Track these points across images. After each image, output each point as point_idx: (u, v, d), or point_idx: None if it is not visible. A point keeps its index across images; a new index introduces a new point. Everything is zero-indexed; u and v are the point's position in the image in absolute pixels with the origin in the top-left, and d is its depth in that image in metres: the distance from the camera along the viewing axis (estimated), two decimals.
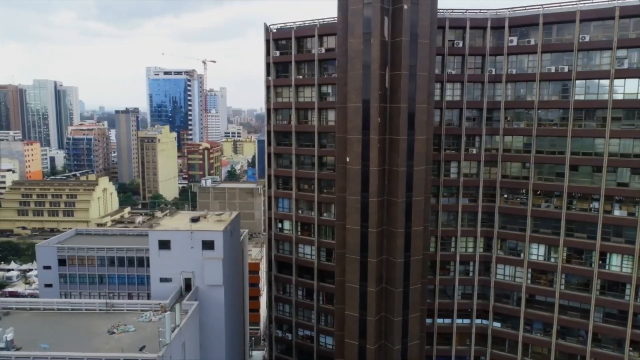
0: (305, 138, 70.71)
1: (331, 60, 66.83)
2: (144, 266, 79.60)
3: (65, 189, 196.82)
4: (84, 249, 79.88)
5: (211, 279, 61.68)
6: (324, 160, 69.76)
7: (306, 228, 72.56)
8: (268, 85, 71.89)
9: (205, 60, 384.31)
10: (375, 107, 50.77)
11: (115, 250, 79.75)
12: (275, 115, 72.67)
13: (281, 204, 74.45)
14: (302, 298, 74.06)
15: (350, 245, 54.07)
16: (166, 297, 61.47)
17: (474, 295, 65.18)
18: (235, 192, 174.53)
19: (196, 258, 61.92)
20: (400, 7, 49.94)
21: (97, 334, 51.51)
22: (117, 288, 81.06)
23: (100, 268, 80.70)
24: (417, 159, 52.44)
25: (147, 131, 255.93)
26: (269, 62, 71.23)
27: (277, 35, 70.40)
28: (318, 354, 72.66)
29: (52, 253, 79.92)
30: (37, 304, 58.60)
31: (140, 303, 57.88)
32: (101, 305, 57.69)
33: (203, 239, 61.64)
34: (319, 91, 68.03)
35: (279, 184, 74.14)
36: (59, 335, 50.94)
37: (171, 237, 61.91)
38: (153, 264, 62.66)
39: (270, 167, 73.78)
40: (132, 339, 50.31)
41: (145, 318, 54.52)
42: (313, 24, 67.41)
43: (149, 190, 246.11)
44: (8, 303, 58.56)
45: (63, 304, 59.02)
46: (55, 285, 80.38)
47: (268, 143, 73.53)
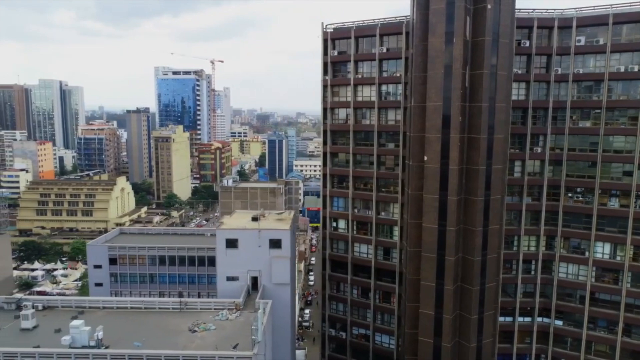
0: (362, 137, 70.92)
1: (391, 59, 67.14)
2: (195, 265, 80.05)
3: (83, 189, 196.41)
4: (134, 248, 79.93)
5: (278, 277, 61.75)
6: (381, 160, 69.93)
7: (362, 227, 72.74)
8: (325, 85, 72.05)
9: (213, 60, 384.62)
10: (456, 106, 51.04)
11: (167, 250, 79.84)
12: (331, 114, 72.82)
13: (336, 202, 74.64)
14: (357, 297, 74.24)
15: (427, 244, 54.32)
16: (233, 296, 61.47)
17: (536, 293, 65.48)
18: (257, 191, 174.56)
19: (263, 257, 61.94)
20: (482, 6, 50.23)
21: (179, 332, 51.51)
22: (168, 287, 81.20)
23: (150, 267, 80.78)
24: (496, 157, 52.77)
25: (161, 131, 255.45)
26: (327, 61, 71.38)
27: (335, 34, 70.58)
28: (374, 352, 72.84)
29: (103, 252, 79.98)
30: (111, 303, 58.55)
31: (213, 302, 57.85)
32: (174, 303, 57.68)
33: (270, 238, 61.67)
34: (378, 90, 68.21)
35: (334, 183, 74.30)
36: (140, 334, 50.90)
37: (239, 235, 61.92)
38: (220, 262, 62.65)
39: (326, 166, 73.98)
40: (216, 337, 50.34)
41: (222, 316, 54.56)
42: (374, 24, 67.63)
43: (163, 190, 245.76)
44: (82, 302, 58.51)
45: (136, 302, 58.97)
46: (105, 284, 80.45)
47: (324, 142, 73.72)
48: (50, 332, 51.24)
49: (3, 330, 51.40)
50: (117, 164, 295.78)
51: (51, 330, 51.57)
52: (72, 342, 46.69)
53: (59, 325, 52.99)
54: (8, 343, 48.64)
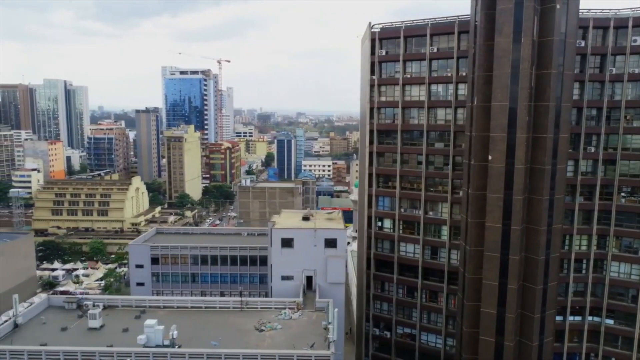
0: (409, 136, 71.05)
1: (442, 59, 67.29)
2: (237, 264, 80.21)
3: (98, 189, 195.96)
4: (177, 247, 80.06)
5: (334, 276, 61.92)
6: (429, 159, 70.03)
7: (408, 226, 72.82)
8: (372, 85, 72.14)
9: (220, 60, 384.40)
10: (524, 105, 51.21)
11: (209, 249, 79.92)
12: (377, 114, 72.92)
13: (381, 202, 74.69)
14: (403, 296, 74.31)
15: (490, 243, 54.45)
16: (287, 295, 61.72)
17: (587, 292, 65.67)
18: (275, 191, 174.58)
19: (318, 256, 62.13)
20: (550, 6, 50.40)
21: (246, 332, 51.63)
22: (210, 286, 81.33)
23: (192, 267, 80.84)
24: (560, 157, 52.98)
25: (173, 130, 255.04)
26: (374, 61, 71.44)
27: (383, 34, 70.64)
28: (420, 352, 72.95)
29: (146, 252, 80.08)
30: (171, 302, 58.62)
31: (274, 301, 58.02)
32: (235, 303, 57.74)
33: (326, 237, 61.87)
34: (428, 90, 68.33)
35: (379, 182, 74.38)
36: (207, 333, 51.02)
37: (294, 235, 62.08)
38: (275, 262, 62.77)
39: (372, 166, 74.00)
40: (284, 337, 50.47)
41: (285, 316, 54.66)
42: (424, 24, 67.73)
43: (175, 189, 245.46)
44: (142, 301, 58.52)
45: (197, 301, 59.06)
46: (147, 283, 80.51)
47: (370, 142, 73.73)
48: (117, 332, 51.33)
49: (70, 330, 51.39)
50: (126, 164, 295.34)
51: (118, 330, 51.67)
52: (147, 342, 46.64)
53: (123, 324, 53.09)
54: (78, 342, 48.74)
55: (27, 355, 44.77)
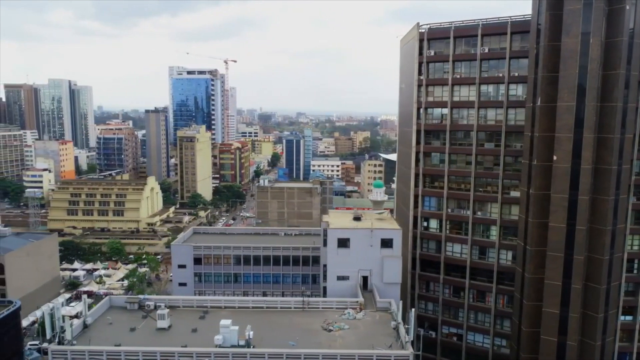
0: (458, 136, 71.18)
1: (493, 59, 67.43)
2: (280, 264, 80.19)
3: (114, 189, 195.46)
4: (220, 247, 79.92)
5: (390, 277, 61.93)
6: (478, 159, 70.14)
7: (455, 226, 72.96)
8: (419, 85, 72.27)
9: (227, 60, 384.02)
10: (592, 106, 51.39)
11: (252, 249, 79.85)
12: (424, 114, 73.04)
13: (427, 202, 74.81)
14: (449, 296, 74.45)
15: (553, 243, 54.61)
16: (342, 295, 61.69)
17: (639, 292, 65.79)
18: (293, 191, 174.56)
19: (374, 256, 62.12)
20: (619, 7, 50.57)
21: (315, 331, 51.60)
22: (252, 287, 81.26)
23: (235, 267, 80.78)
24: (625, 157, 53.18)
25: (185, 130, 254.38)
26: (422, 61, 71.57)
27: (431, 34, 70.77)
28: (467, 352, 73.08)
29: (188, 252, 79.94)
30: (232, 302, 58.55)
31: (335, 301, 57.91)
32: (297, 303, 57.72)
33: (382, 237, 61.87)
34: (478, 90, 68.46)
35: (425, 183, 74.49)
36: (276, 333, 50.97)
37: (351, 235, 62.09)
38: (330, 262, 62.76)
39: (418, 166, 74.12)
40: (355, 336, 50.47)
41: (350, 316, 54.66)
42: (474, 24, 67.86)
43: (187, 189, 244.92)
44: (204, 302, 58.44)
45: (258, 301, 59.03)
46: (189, 284, 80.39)
47: (417, 142, 73.83)
48: (186, 332, 51.25)
49: (139, 330, 51.30)
50: (135, 164, 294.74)
51: (186, 330, 51.59)
52: (223, 342, 46.60)
53: (189, 324, 53.02)
54: (150, 342, 48.64)
55: (105, 355, 44.69)
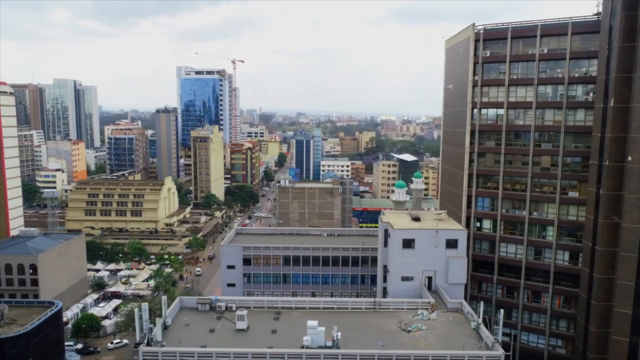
0: (513, 137, 71.27)
1: (551, 60, 67.53)
2: (329, 265, 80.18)
3: (131, 189, 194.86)
4: (269, 248, 79.91)
5: (455, 277, 61.93)
6: (535, 160, 70.18)
7: (510, 226, 73.01)
8: (474, 85, 72.30)
9: (234, 60, 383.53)
10: None
11: (301, 250, 79.82)
12: (479, 114, 73.07)
13: (480, 202, 74.84)
14: (502, 296, 74.50)
15: (626, 244, 54.71)
16: (406, 296, 61.65)
17: None
18: (314, 191, 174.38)
19: (439, 257, 62.10)
20: None
21: (393, 332, 51.53)
22: (301, 287, 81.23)
23: (284, 267, 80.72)
24: None
25: (199, 130, 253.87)
26: (477, 61, 71.63)
27: (487, 35, 70.83)
28: (521, 352, 73.12)
29: (237, 253, 79.83)
30: (303, 303, 58.41)
31: (406, 302, 57.79)
32: (368, 304, 57.64)
33: (447, 238, 61.87)
34: (536, 90, 68.53)
35: (478, 183, 74.52)
36: (355, 333, 50.86)
37: (416, 235, 62.03)
38: (395, 262, 62.65)
39: (471, 166, 74.14)
40: (436, 337, 50.44)
41: (424, 316, 54.62)
42: (533, 25, 67.93)
43: (201, 189, 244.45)
44: (274, 302, 58.24)
45: (329, 302, 58.92)
46: (238, 284, 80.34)
47: (470, 142, 73.85)
48: (265, 333, 51.17)
49: (218, 331, 51.14)
50: (145, 164, 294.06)
51: (264, 331, 51.53)
52: (311, 343, 46.48)
53: (265, 325, 52.90)
54: (232, 343, 48.51)
55: (197, 357, 44.53)
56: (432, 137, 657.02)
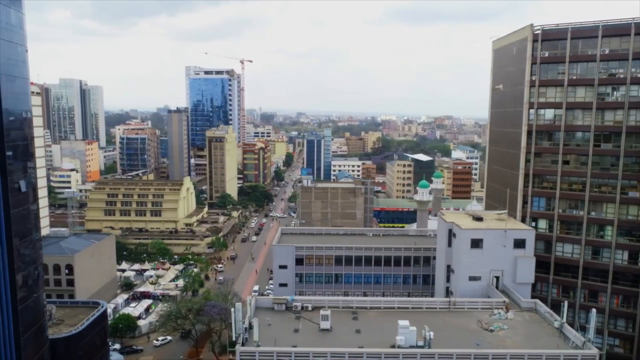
0: (571, 137, 71.56)
1: (613, 60, 67.83)
2: (381, 265, 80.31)
3: (150, 189, 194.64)
4: (322, 248, 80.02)
5: (523, 277, 62.18)
6: (594, 160, 70.45)
7: (566, 226, 73.25)
8: (532, 85, 72.54)
9: (243, 60, 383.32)
10: None
11: (354, 250, 79.97)
12: (535, 114, 73.31)
13: (536, 202, 75.07)
14: (557, 295, 74.72)
15: None
16: (473, 295, 61.83)
17: None
18: (337, 191, 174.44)
19: (507, 256, 62.30)
20: None
21: (477, 332, 51.71)
22: (352, 287, 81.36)
23: (336, 267, 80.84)
24: None
25: (214, 130, 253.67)
26: (534, 62, 71.86)
27: (545, 35, 71.06)
28: None
29: (290, 253, 79.87)
30: (378, 303, 58.54)
31: (480, 301, 58.01)
32: (442, 303, 57.81)
33: (515, 238, 62.08)
34: (596, 91, 68.82)
35: (534, 183, 74.76)
36: (439, 333, 50.94)
37: (484, 235, 62.21)
38: (462, 262, 62.82)
39: (527, 166, 74.36)
40: (520, 336, 50.64)
41: (501, 316, 54.79)
42: (594, 25, 68.19)
43: (216, 189, 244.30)
44: (349, 302, 58.36)
45: (403, 302, 59.09)
46: (290, 284, 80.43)
47: (527, 142, 74.06)
48: (349, 332, 51.37)
49: (302, 331, 51.21)
50: (157, 164, 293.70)
51: (349, 331, 51.76)
52: (404, 342, 46.60)
53: (346, 325, 53.05)
54: (321, 343, 48.57)
55: (294, 356, 44.59)
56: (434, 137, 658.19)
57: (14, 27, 56.42)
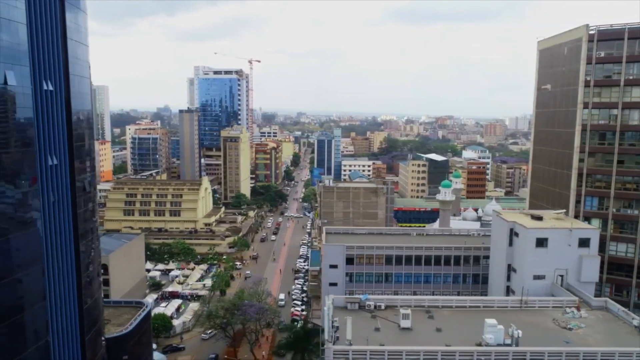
0: (626, 136, 71.95)
1: None
2: (431, 264, 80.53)
3: (169, 189, 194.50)
4: (372, 247, 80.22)
5: (587, 275, 62.42)
6: None
7: (619, 225, 73.61)
8: (587, 85, 72.90)
9: (251, 60, 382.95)
10: None
11: (404, 249, 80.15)
12: (589, 114, 73.66)
13: (589, 202, 75.43)
14: (610, 295, 74.95)
15: None
16: (537, 294, 62.03)
17: None
18: (359, 191, 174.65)
19: (571, 255, 62.57)
20: None
21: (553, 330, 51.96)
22: (402, 286, 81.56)
23: (386, 266, 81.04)
24: None
25: (229, 130, 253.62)
26: (590, 61, 72.24)
27: (602, 36, 71.43)
28: None
29: (341, 252, 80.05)
30: (450, 302, 58.79)
31: (551, 300, 58.30)
32: (514, 302, 58.08)
33: (580, 237, 62.37)
34: None
35: (587, 182, 75.10)
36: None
37: (549, 234, 62.48)
38: (527, 261, 63.05)
39: (581, 165, 74.69)
40: (600, 334, 50.92)
41: (575, 314, 55.04)
42: None
43: (230, 189, 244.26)
44: (422, 301, 58.60)
45: (475, 301, 59.32)
46: (340, 283, 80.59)
47: (581, 142, 74.41)
48: (430, 331, 51.65)
49: (383, 330, 51.37)
50: (168, 164, 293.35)
51: (429, 329, 51.97)
52: (491, 341, 46.79)
53: (424, 324, 53.24)
54: (404, 342, 48.76)
55: (387, 355, 44.75)
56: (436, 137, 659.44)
57: (80, 27, 56.53)
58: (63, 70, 52.39)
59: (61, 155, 51.91)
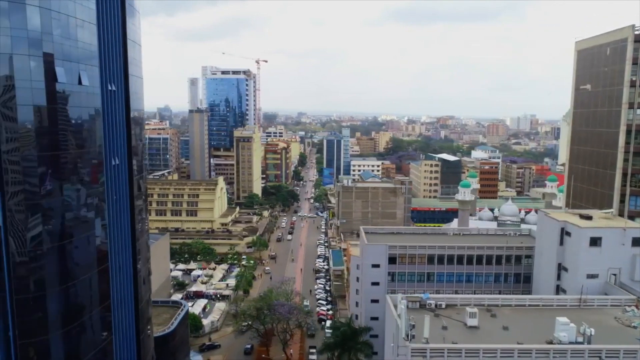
0: None
1: None
2: (473, 263, 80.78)
3: (185, 189, 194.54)
4: (415, 247, 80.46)
5: None
6: None
7: None
8: (633, 85, 73.27)
9: (258, 60, 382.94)
10: None
11: (446, 249, 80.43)
12: (634, 114, 74.05)
13: (633, 201, 75.82)
14: None
15: None
16: (591, 293, 62.26)
17: None
18: (378, 191, 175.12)
19: (625, 254, 62.83)
20: None
21: (617, 328, 52.27)
22: (444, 285, 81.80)
23: (428, 266, 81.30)
24: None
25: (242, 130, 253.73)
26: (635, 62, 72.65)
27: None
28: None
29: (383, 252, 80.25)
30: (509, 301, 58.99)
31: (610, 299, 58.61)
32: (572, 301, 58.36)
33: (634, 236, 62.63)
34: None
35: (632, 182, 75.50)
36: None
37: (602, 234, 62.76)
38: (580, 260, 63.30)
39: (625, 165, 75.10)
40: None
41: (635, 313, 55.33)
42: None
43: (243, 189, 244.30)
44: (481, 300, 58.81)
45: (534, 300, 59.60)
46: (382, 283, 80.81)
47: (626, 141, 74.81)
48: (497, 329, 51.82)
49: (451, 329, 51.57)
50: (178, 164, 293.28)
51: (495, 328, 52.16)
52: (565, 339, 47.04)
53: (489, 322, 53.48)
54: (475, 340, 48.96)
55: (464, 353, 44.99)
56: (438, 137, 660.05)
57: (136, 27, 56.73)
58: (123, 70, 52.68)
59: (122, 155, 52.17)
